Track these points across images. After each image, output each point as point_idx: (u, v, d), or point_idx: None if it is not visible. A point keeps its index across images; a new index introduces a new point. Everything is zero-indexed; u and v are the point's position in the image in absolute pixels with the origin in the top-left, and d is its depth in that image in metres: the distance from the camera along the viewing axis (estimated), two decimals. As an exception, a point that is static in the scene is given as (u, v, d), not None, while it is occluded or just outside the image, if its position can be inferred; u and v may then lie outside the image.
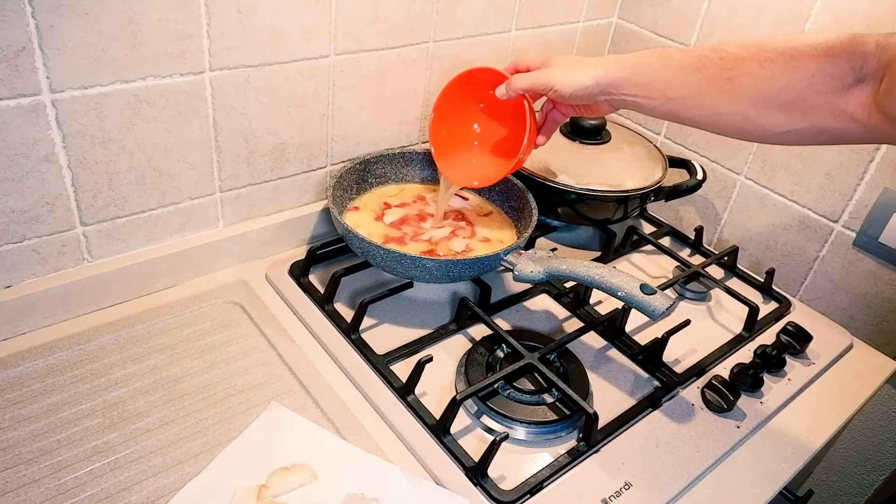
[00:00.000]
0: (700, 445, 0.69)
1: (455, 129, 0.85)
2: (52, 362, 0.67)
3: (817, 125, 0.55)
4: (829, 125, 0.54)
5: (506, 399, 0.69)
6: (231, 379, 0.68)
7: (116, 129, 0.67)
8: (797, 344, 0.82)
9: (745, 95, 0.57)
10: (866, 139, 0.54)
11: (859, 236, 0.88)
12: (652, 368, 0.77)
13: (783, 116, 0.56)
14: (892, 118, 0.49)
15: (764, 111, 0.57)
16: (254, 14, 0.70)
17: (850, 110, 0.52)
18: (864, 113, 0.51)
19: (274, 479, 0.58)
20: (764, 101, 0.56)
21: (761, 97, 0.56)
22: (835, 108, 0.53)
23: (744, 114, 0.58)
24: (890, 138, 0.52)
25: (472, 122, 0.86)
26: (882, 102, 0.50)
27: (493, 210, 0.92)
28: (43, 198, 0.66)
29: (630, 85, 0.65)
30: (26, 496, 0.55)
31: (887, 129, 0.50)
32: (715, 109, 0.60)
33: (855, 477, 1.00)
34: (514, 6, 0.94)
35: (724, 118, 0.60)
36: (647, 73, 0.64)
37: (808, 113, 0.55)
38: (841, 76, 0.52)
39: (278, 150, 0.81)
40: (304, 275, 0.83)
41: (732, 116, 0.59)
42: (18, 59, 0.58)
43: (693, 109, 0.62)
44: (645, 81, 0.64)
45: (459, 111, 0.84)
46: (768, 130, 0.58)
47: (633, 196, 0.93)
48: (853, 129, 0.53)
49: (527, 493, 0.61)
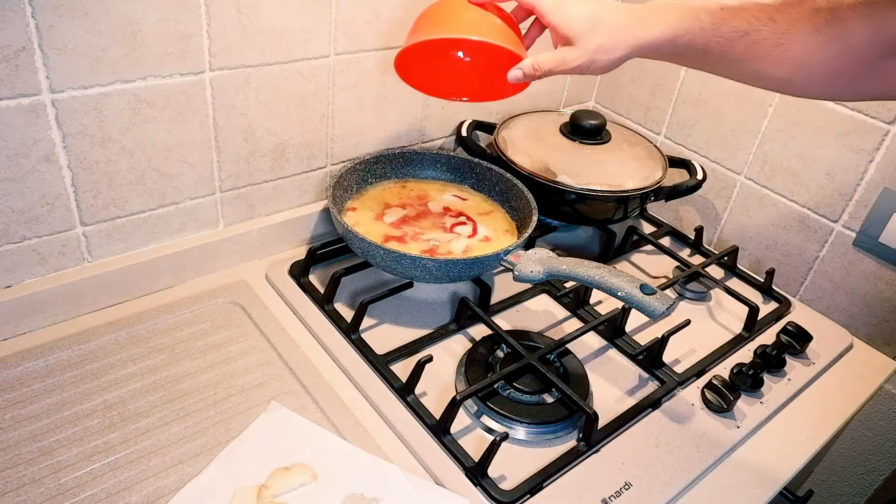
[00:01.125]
0: (700, 445, 0.69)
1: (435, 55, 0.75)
2: (52, 362, 0.67)
3: (864, 89, 0.55)
4: (874, 85, 0.54)
5: (506, 399, 0.69)
6: (231, 379, 0.68)
7: (116, 129, 0.67)
8: (797, 344, 0.82)
9: (794, 61, 0.55)
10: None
11: (859, 236, 0.88)
12: (652, 368, 0.77)
13: (828, 81, 0.56)
14: None
15: (809, 77, 0.56)
16: (254, 14, 0.70)
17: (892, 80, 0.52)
18: None
19: (274, 479, 0.58)
20: (813, 68, 0.55)
21: (811, 64, 0.55)
22: (885, 71, 0.53)
23: (790, 79, 0.57)
24: None
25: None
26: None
27: (493, 209, 0.92)
28: (43, 198, 0.66)
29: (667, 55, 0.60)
30: (26, 496, 0.55)
31: None
32: (760, 73, 0.57)
33: (855, 477, 1.00)
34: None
35: (767, 82, 0.58)
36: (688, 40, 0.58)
37: (856, 79, 0.54)
38: (887, 41, 0.51)
39: (278, 150, 0.82)
40: (304, 275, 0.83)
41: (776, 81, 0.58)
42: (18, 59, 0.58)
43: (731, 71, 0.59)
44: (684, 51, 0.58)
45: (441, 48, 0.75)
46: (811, 93, 0.58)
47: (633, 196, 0.93)
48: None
49: (527, 493, 0.61)
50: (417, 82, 0.73)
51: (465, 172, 0.95)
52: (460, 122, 1.00)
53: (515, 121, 1.03)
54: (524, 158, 0.94)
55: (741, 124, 0.97)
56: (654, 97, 1.08)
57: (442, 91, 0.75)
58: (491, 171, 0.93)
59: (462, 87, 0.75)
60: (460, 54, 0.75)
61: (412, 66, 0.71)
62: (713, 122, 1.01)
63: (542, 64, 0.62)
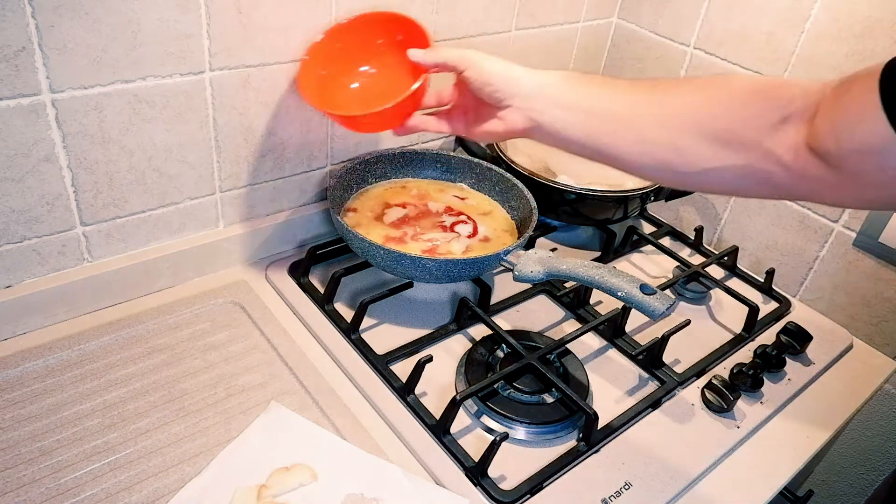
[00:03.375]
0: (700, 445, 0.69)
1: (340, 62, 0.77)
2: (52, 362, 0.67)
3: (746, 164, 0.52)
4: (757, 166, 0.51)
5: (506, 399, 0.69)
6: (231, 379, 0.68)
7: (116, 129, 0.67)
8: (797, 344, 0.82)
9: (676, 120, 0.55)
10: (790, 186, 0.51)
11: (859, 236, 0.88)
12: (652, 368, 0.77)
13: (712, 149, 0.53)
14: (824, 157, 0.47)
15: (694, 141, 0.54)
16: (254, 14, 0.70)
17: (778, 152, 0.50)
18: (792, 155, 0.49)
19: (274, 479, 0.58)
20: (695, 129, 0.54)
21: (693, 124, 0.54)
22: (764, 147, 0.51)
23: (674, 143, 0.55)
24: (817, 184, 0.49)
25: (361, 63, 0.78)
26: (814, 140, 0.48)
27: (493, 209, 0.92)
28: (43, 198, 0.66)
29: (553, 95, 0.60)
30: (26, 496, 0.55)
31: (817, 171, 0.48)
32: (643, 135, 0.56)
33: (855, 477, 1.00)
34: (514, 6, 0.94)
35: (652, 147, 0.56)
36: (574, 85, 0.60)
37: (738, 149, 0.52)
38: (768, 113, 0.50)
39: (278, 150, 0.81)
40: (304, 275, 0.83)
41: (661, 146, 0.56)
42: (18, 59, 0.58)
43: (619, 133, 0.57)
44: (571, 91, 0.60)
45: (352, 48, 0.77)
46: (695, 165, 0.54)
47: (633, 196, 0.93)
48: (779, 173, 0.50)
49: (527, 493, 0.61)
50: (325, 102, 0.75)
51: (465, 172, 0.95)
52: (460, 122, 1.00)
53: (515, 121, 1.02)
54: (524, 158, 0.94)
55: (741, 124, 0.97)
56: (654, 97, 1.08)
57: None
58: (491, 171, 0.93)
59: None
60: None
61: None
62: (713, 122, 1.01)
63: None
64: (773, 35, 0.91)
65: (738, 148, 0.52)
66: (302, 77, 0.75)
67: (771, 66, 0.92)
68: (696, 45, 1.01)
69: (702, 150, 0.54)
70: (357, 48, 0.77)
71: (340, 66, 0.77)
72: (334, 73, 0.77)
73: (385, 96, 0.67)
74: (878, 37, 0.81)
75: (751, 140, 0.51)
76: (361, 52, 0.77)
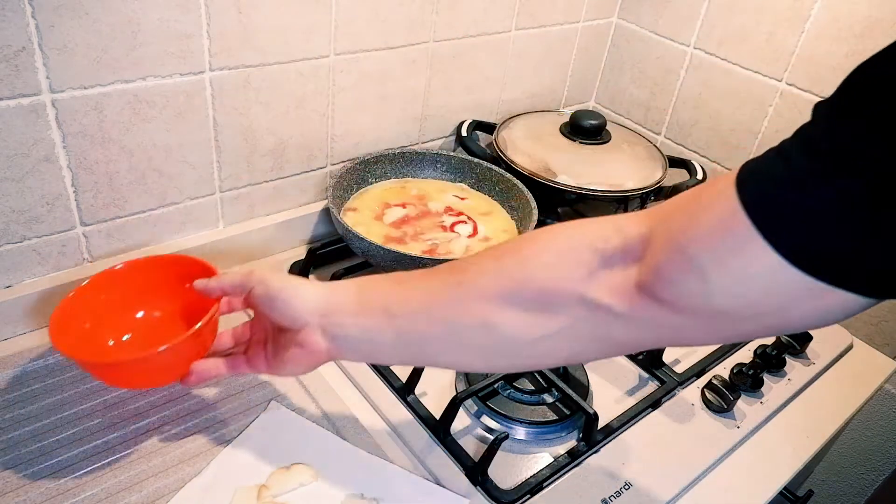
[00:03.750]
0: (700, 445, 0.69)
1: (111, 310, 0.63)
2: (52, 362, 0.67)
3: (573, 324, 0.45)
4: (586, 322, 0.45)
5: (506, 399, 0.69)
6: (231, 379, 0.68)
7: (116, 129, 0.67)
8: (797, 344, 0.82)
9: (481, 296, 0.47)
10: (632, 335, 0.44)
11: (859, 236, 0.88)
12: (652, 368, 0.77)
13: (530, 318, 0.46)
14: (660, 298, 0.41)
15: (506, 315, 0.46)
16: (254, 14, 0.70)
17: (604, 301, 0.43)
18: (622, 298, 0.43)
19: (274, 479, 0.58)
20: (503, 301, 0.46)
21: (499, 296, 0.47)
22: (586, 299, 0.44)
23: (484, 321, 0.47)
24: (659, 325, 0.42)
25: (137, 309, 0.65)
26: (646, 281, 0.41)
27: (493, 209, 0.92)
28: (43, 198, 0.66)
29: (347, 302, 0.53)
30: (26, 496, 0.55)
31: (655, 313, 0.42)
32: (449, 321, 0.49)
33: (855, 477, 1.00)
34: (514, 6, 0.94)
35: (464, 332, 0.49)
36: (366, 289, 0.53)
37: (557, 310, 0.45)
38: (580, 260, 0.44)
39: (278, 150, 0.82)
40: (304, 275, 0.83)
41: (472, 329, 0.48)
42: (18, 59, 0.58)
43: (424, 327, 0.50)
44: (364, 296, 0.53)
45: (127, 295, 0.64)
46: (518, 340, 0.47)
47: (633, 196, 0.93)
48: (614, 322, 0.44)
49: (527, 493, 0.61)
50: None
51: (464, 172, 0.95)
52: (460, 122, 1.00)
53: (515, 121, 1.03)
54: (524, 158, 0.94)
55: (741, 124, 0.97)
56: (654, 97, 1.08)
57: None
58: (491, 171, 0.93)
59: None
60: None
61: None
62: (713, 122, 1.01)
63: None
64: (773, 35, 0.91)
65: (558, 308, 0.45)
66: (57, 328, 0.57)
67: (771, 66, 0.92)
68: (696, 45, 1.01)
69: (517, 322, 0.46)
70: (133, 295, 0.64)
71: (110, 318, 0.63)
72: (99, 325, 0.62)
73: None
74: (878, 37, 0.81)
75: (568, 295, 0.44)
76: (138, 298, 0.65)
